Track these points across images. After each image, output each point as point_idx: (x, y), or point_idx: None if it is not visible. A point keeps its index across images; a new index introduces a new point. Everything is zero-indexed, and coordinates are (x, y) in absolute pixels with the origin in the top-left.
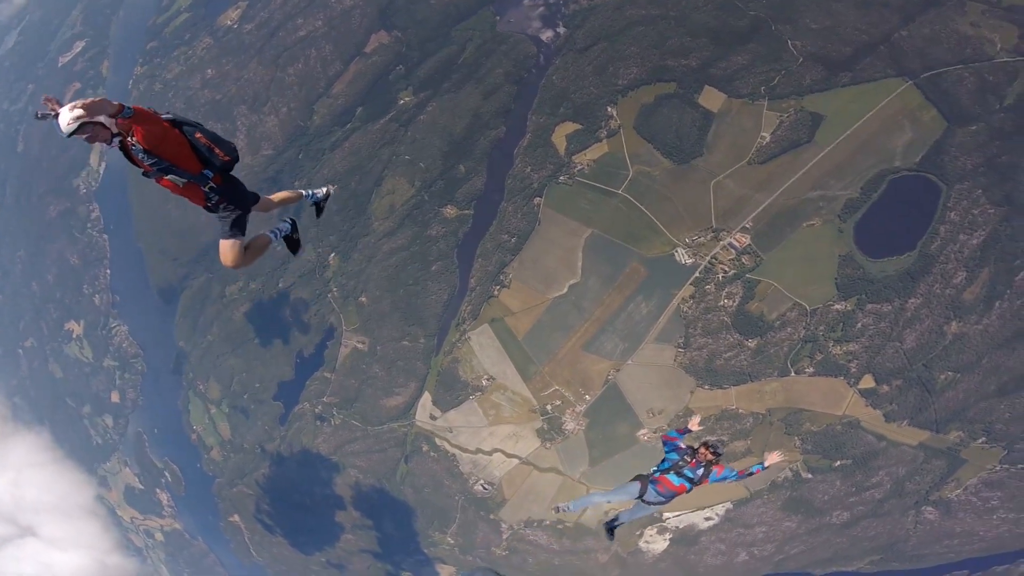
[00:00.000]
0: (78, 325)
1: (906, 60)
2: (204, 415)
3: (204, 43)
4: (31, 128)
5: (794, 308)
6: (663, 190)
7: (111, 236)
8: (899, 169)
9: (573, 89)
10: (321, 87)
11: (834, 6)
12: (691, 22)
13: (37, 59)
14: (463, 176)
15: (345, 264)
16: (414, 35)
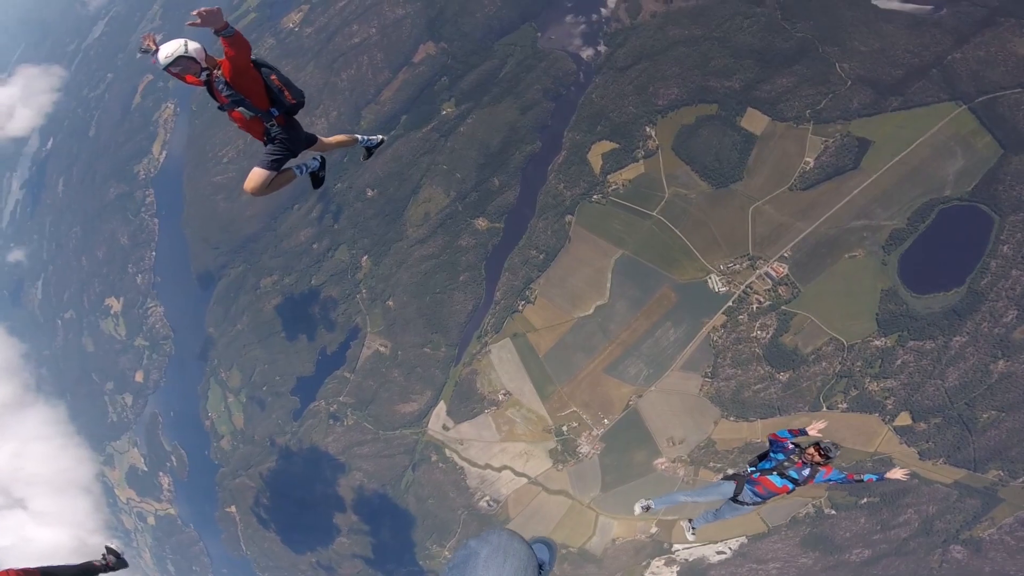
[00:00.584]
0: (117, 302)
1: (960, 83)
2: (221, 402)
3: (267, 44)
4: (104, 115)
5: (831, 342)
6: (699, 214)
7: (161, 221)
8: (949, 198)
9: (612, 108)
10: (370, 93)
11: (884, 28)
12: (735, 43)
13: (118, 50)
14: (496, 189)
15: (376, 267)
16: (459, 47)
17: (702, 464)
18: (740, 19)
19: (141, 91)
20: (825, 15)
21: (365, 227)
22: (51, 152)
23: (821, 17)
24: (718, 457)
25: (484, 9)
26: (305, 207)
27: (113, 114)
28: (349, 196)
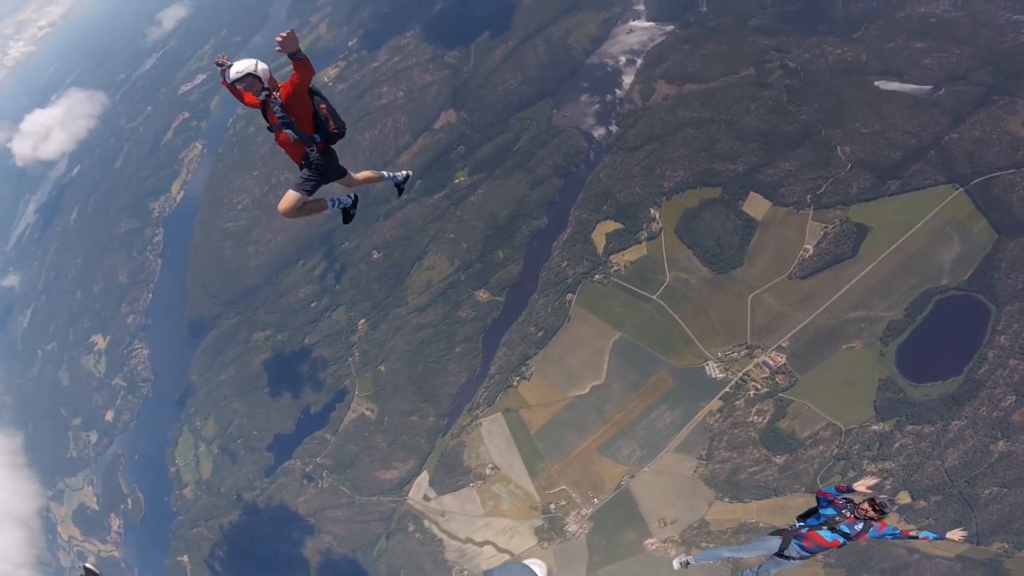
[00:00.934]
0: (103, 340)
1: (956, 165)
2: (191, 451)
3: None
4: (135, 147)
5: (828, 427)
6: (699, 300)
7: (164, 262)
8: (946, 288)
9: (619, 188)
10: (389, 155)
11: (885, 108)
12: (742, 125)
13: (163, 84)
14: (500, 262)
15: (373, 332)
16: (478, 118)
17: (694, 544)
18: (748, 102)
19: (175, 128)
20: (829, 97)
21: (366, 289)
22: (74, 179)
23: (825, 99)
24: (711, 537)
25: (506, 83)
26: (310, 263)
27: (143, 147)
28: (355, 256)
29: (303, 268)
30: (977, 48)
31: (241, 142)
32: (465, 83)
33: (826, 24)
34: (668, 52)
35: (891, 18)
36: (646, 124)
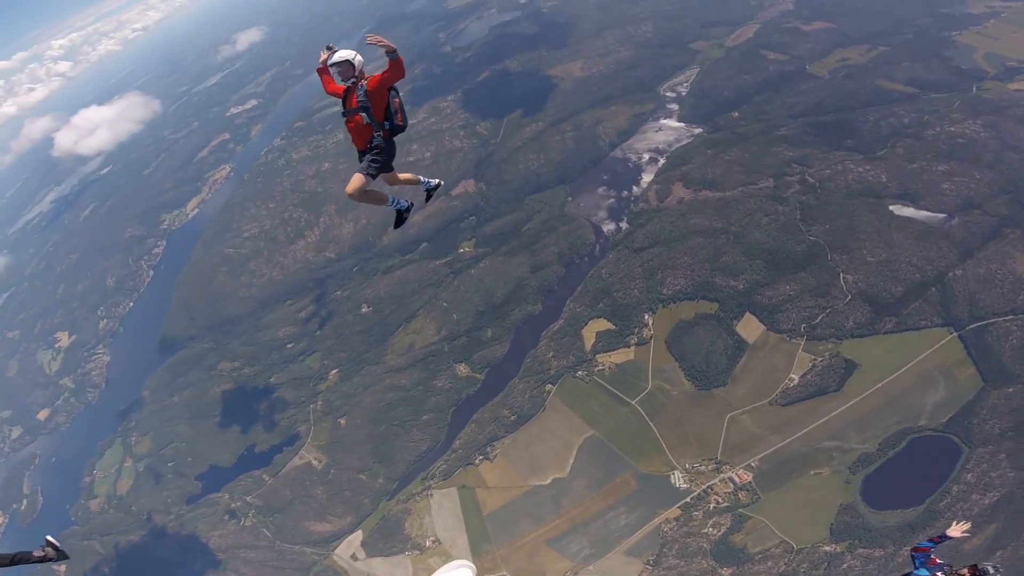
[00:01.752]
0: (67, 338)
1: (955, 307)
2: (116, 464)
3: (337, 138)
4: (169, 159)
5: (780, 545)
6: (677, 412)
7: (156, 275)
8: (923, 428)
9: (618, 287)
10: None
11: (895, 236)
12: (750, 240)
13: (216, 103)
14: (487, 340)
15: (343, 384)
16: (495, 192)
17: None
18: (760, 215)
19: (212, 147)
20: (842, 218)
21: (347, 341)
22: (102, 178)
23: (837, 220)
24: None
25: (528, 162)
26: (298, 305)
27: (176, 160)
28: (344, 306)
29: (289, 308)
30: (999, 173)
31: (268, 172)
32: (490, 155)
33: (854, 139)
34: (692, 154)
35: (919, 136)
36: (656, 226)
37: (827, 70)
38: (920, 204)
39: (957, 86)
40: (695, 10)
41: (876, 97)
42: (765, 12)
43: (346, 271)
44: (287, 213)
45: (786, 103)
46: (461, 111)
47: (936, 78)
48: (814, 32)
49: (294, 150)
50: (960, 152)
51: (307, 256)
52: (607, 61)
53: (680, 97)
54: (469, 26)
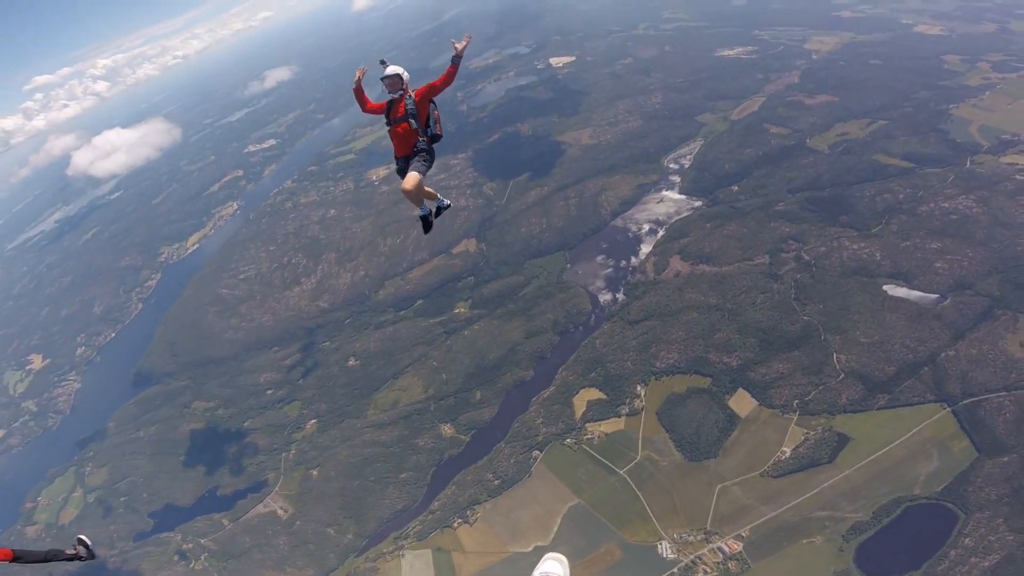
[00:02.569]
0: (41, 361)
1: (948, 384)
2: (64, 493)
3: (345, 186)
4: (180, 190)
5: None
6: (666, 482)
7: (145, 308)
8: (918, 496)
9: (611, 358)
10: (401, 267)
11: (888, 317)
12: (744, 318)
13: (236, 139)
14: (475, 402)
15: (320, 435)
16: (496, 254)
17: None
18: (756, 293)
19: (224, 182)
20: (836, 298)
21: (330, 392)
22: (111, 202)
23: (832, 299)
24: None
25: (531, 226)
26: (284, 352)
27: (187, 192)
28: (331, 358)
29: (275, 354)
30: (990, 251)
31: (274, 214)
32: (494, 216)
33: (850, 214)
34: (691, 227)
35: (913, 212)
36: (653, 299)
37: (827, 144)
38: (913, 284)
39: (952, 160)
40: (704, 83)
41: (873, 172)
42: (771, 85)
43: (338, 322)
44: (286, 257)
45: (785, 177)
46: (470, 170)
47: (932, 152)
48: (817, 106)
49: (303, 193)
50: (953, 229)
51: (300, 304)
52: (615, 130)
53: (683, 169)
54: (487, 87)
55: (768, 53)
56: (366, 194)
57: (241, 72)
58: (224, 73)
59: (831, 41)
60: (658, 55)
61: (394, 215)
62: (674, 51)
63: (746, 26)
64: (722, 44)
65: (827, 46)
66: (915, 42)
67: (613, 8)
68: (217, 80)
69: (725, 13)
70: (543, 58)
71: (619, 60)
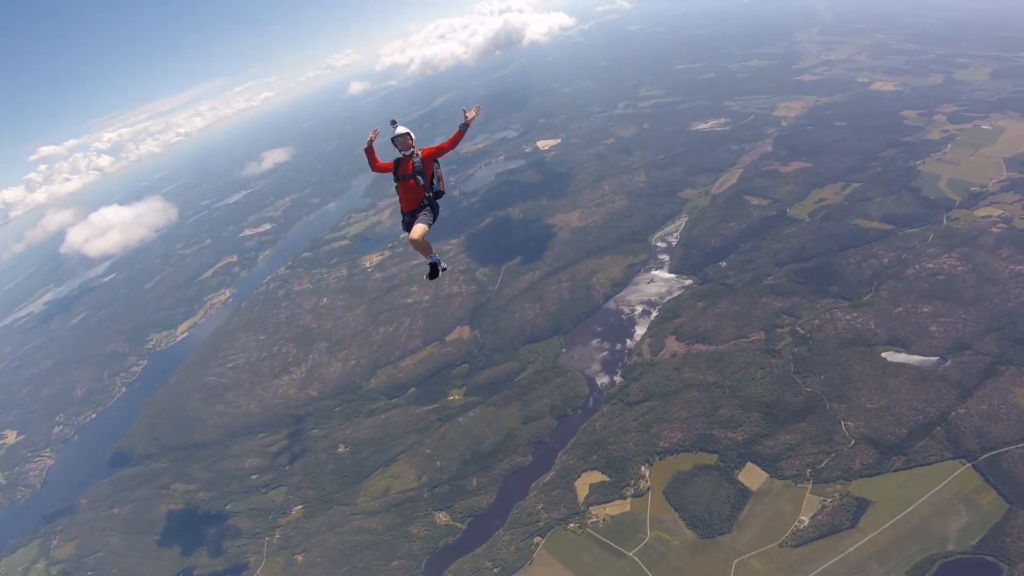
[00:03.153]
0: (14, 436)
1: (964, 440)
2: (26, 563)
3: (339, 273)
4: (172, 274)
5: None
6: (679, 561)
7: (129, 392)
8: (952, 552)
9: (612, 440)
10: (394, 356)
11: (891, 382)
12: (746, 393)
13: (232, 222)
14: (471, 489)
15: (306, 521)
16: (490, 340)
17: None
18: (755, 369)
19: (217, 268)
20: (836, 368)
21: (317, 479)
22: (102, 285)
23: (832, 370)
24: None
25: (524, 311)
26: (271, 438)
27: (180, 277)
28: (320, 444)
29: (260, 440)
30: (982, 310)
31: (266, 302)
32: (487, 302)
33: (839, 284)
34: (683, 307)
35: (900, 276)
36: (651, 379)
37: (807, 212)
38: (911, 349)
39: (928, 218)
40: (683, 158)
41: (855, 237)
42: (747, 156)
43: (327, 410)
44: (276, 347)
45: (771, 250)
46: (463, 255)
47: (908, 211)
48: (792, 173)
49: (296, 281)
50: (942, 290)
51: (289, 392)
52: (602, 211)
53: (670, 247)
54: (478, 171)
55: (740, 123)
56: (359, 281)
57: (240, 152)
58: (224, 152)
59: (797, 106)
60: (638, 133)
61: (387, 303)
62: (652, 128)
63: (717, 97)
64: (696, 118)
65: (794, 111)
66: (873, 100)
67: (593, 90)
68: (217, 159)
69: (696, 86)
70: (530, 141)
71: (602, 140)
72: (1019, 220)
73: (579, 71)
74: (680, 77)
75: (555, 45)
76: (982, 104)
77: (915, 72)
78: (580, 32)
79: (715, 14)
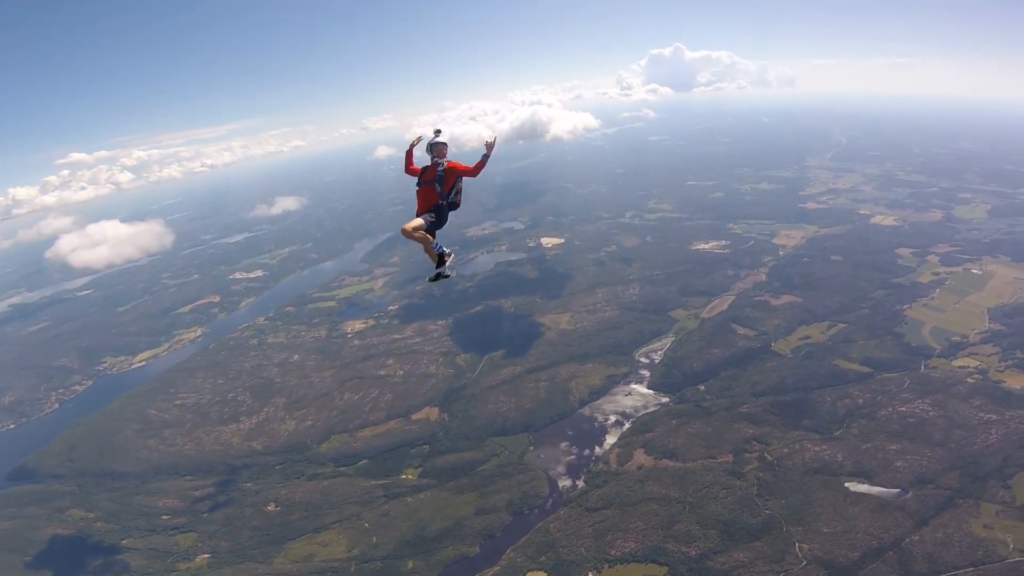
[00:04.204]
0: None
1: (914, 564)
2: None
3: (317, 334)
4: (150, 303)
5: None
6: None
7: (61, 410)
8: None
9: (564, 543)
10: (353, 424)
11: (850, 510)
12: (706, 511)
13: (225, 262)
14: (406, 572)
15: (209, 571)
16: (457, 427)
17: None
18: (718, 488)
19: (197, 305)
20: (798, 494)
21: (236, 532)
22: (75, 299)
23: (794, 496)
24: None
25: (498, 404)
26: (196, 483)
27: (157, 307)
28: (248, 498)
29: (185, 482)
30: (949, 450)
31: (235, 348)
32: (462, 388)
33: (812, 419)
34: (656, 423)
35: (872, 416)
36: (613, 488)
37: (790, 348)
38: (875, 480)
39: (907, 364)
40: (680, 276)
41: (834, 377)
42: (741, 283)
43: (267, 466)
44: (232, 393)
45: (751, 380)
46: (447, 338)
47: (889, 357)
48: (782, 307)
49: (272, 333)
50: (911, 431)
51: (232, 440)
52: (593, 318)
53: (653, 364)
54: (478, 257)
55: (740, 248)
56: (336, 344)
57: (255, 193)
58: (240, 191)
59: (797, 235)
60: (640, 245)
61: (359, 371)
62: (655, 242)
63: (722, 218)
64: (698, 237)
65: (793, 240)
66: (872, 234)
67: (605, 195)
68: (231, 197)
69: (704, 204)
70: (535, 237)
71: (604, 247)
72: (995, 372)
73: (595, 174)
74: (690, 193)
75: (577, 144)
76: (975, 245)
77: (916, 207)
78: (603, 136)
79: (736, 131)
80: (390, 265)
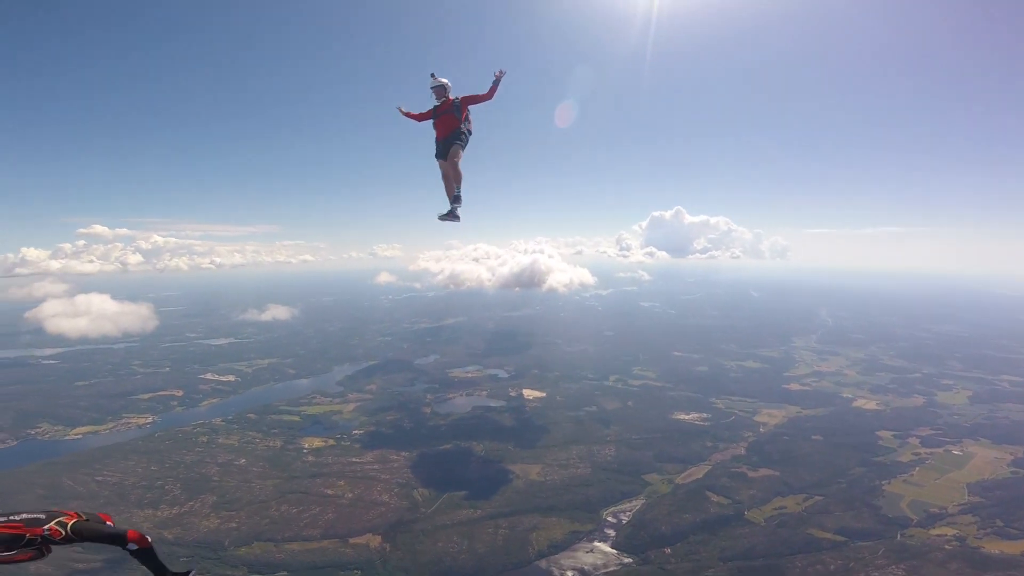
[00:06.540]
0: None
1: None
2: None
3: (272, 443)
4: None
5: None
6: None
7: None
8: None
9: None
10: (283, 536)
11: None
12: None
13: (200, 362)
14: None
15: None
16: (398, 559)
17: None
18: None
19: (156, 396)
20: None
21: None
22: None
23: None
24: None
25: (450, 544)
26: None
27: (118, 388)
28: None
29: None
30: None
31: (182, 441)
32: (413, 522)
33: None
34: None
35: None
36: None
37: (763, 517)
38: None
39: (883, 533)
40: (657, 443)
41: (806, 544)
42: (719, 454)
43: (171, 556)
44: (162, 481)
45: (719, 546)
46: (407, 470)
47: (864, 527)
48: (759, 479)
49: (225, 435)
50: None
51: (142, 525)
52: (564, 473)
53: (620, 524)
54: (458, 399)
55: (720, 422)
56: (288, 457)
57: (251, 298)
58: (237, 293)
59: (779, 415)
60: (620, 408)
61: (304, 486)
62: (635, 407)
63: (705, 392)
64: (680, 407)
65: (775, 419)
66: (854, 417)
67: (592, 356)
68: (226, 298)
69: (688, 376)
70: (518, 387)
71: (585, 406)
72: (973, 539)
73: (585, 334)
74: (675, 364)
75: (571, 300)
76: (956, 429)
77: (899, 392)
78: (596, 297)
79: (726, 305)
80: (365, 392)
